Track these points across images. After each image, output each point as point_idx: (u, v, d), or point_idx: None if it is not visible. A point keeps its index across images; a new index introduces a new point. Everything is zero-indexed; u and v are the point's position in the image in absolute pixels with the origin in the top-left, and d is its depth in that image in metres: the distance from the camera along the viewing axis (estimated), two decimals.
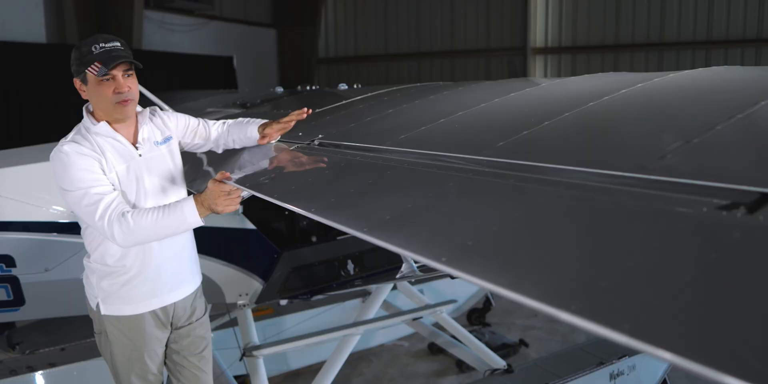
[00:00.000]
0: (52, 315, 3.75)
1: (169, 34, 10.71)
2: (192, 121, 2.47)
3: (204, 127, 2.48)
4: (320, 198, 1.33)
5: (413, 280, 4.69)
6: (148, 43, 9.95)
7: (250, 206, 3.72)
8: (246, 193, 1.93)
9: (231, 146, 2.47)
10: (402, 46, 13.26)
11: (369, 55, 13.60)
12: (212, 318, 4.77)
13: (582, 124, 1.27)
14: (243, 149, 2.37)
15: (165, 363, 2.47)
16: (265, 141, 2.29)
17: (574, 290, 0.67)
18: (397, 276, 3.56)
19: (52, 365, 4.30)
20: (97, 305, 2.27)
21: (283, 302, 4.61)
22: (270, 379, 4.88)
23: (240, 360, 3.74)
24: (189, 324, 2.43)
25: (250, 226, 3.74)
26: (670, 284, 0.63)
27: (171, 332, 2.41)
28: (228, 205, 1.97)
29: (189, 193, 2.36)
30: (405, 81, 13.23)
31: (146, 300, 2.27)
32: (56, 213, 3.25)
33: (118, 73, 2.08)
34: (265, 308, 5.16)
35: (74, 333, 4.56)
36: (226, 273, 3.69)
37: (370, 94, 2.73)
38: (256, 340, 3.78)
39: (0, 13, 8.28)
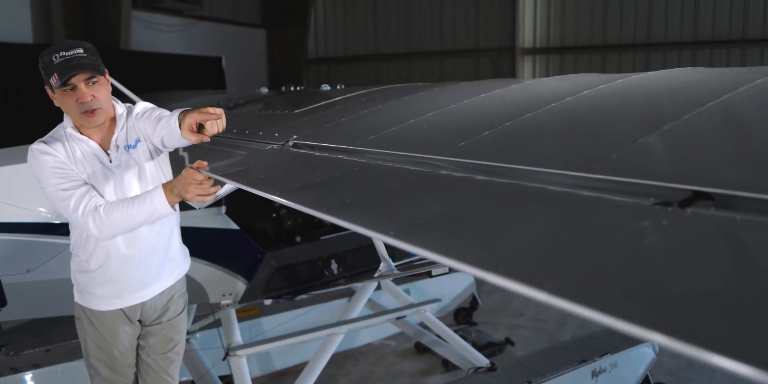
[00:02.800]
0: (34, 316, 3.75)
1: (158, 34, 10.68)
2: (148, 113, 2.26)
3: (153, 118, 2.23)
4: (287, 184, 1.38)
5: (395, 280, 4.72)
6: (137, 43, 9.92)
7: (233, 206, 3.74)
8: (222, 191, 1.95)
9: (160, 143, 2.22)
10: (391, 47, 13.29)
11: (359, 56, 13.63)
12: (197, 319, 4.80)
13: (540, 125, 1.30)
14: (224, 152, 2.37)
15: (137, 360, 2.50)
16: (199, 138, 1.94)
17: (502, 258, 0.72)
18: (375, 274, 3.58)
19: (37, 366, 4.30)
20: (75, 293, 2.37)
21: (267, 302, 4.63)
22: (256, 379, 4.91)
23: (223, 359, 3.76)
24: (158, 323, 2.44)
25: (234, 226, 3.75)
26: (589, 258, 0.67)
27: (141, 328, 2.44)
28: (198, 195, 1.94)
29: None
30: (395, 81, 13.23)
31: (109, 299, 2.31)
32: (38, 214, 3.25)
33: (79, 82, 2.03)
34: (251, 308, 5.18)
35: (60, 334, 4.57)
36: (209, 273, 3.70)
37: (348, 95, 2.76)
38: (239, 339, 3.80)
39: None
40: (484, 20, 12.41)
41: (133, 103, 2.38)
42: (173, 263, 2.45)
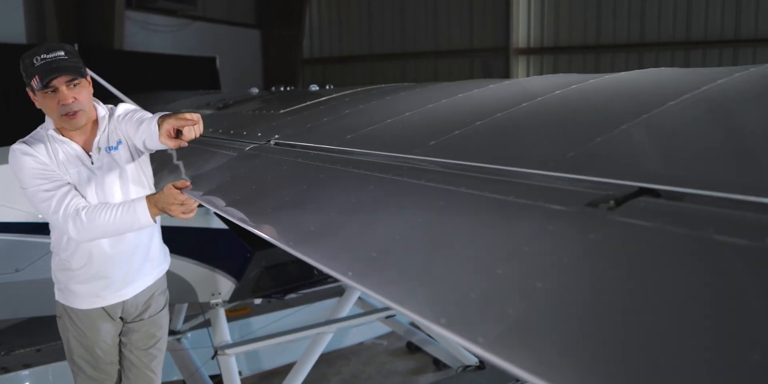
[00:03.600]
0: (24, 315, 3.77)
1: (152, 34, 10.68)
2: (129, 116, 2.26)
3: (135, 121, 2.24)
4: (258, 206, 1.40)
5: None
6: (131, 43, 9.92)
7: None
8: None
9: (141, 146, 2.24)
10: (386, 47, 13.31)
11: (354, 56, 13.64)
12: (188, 318, 4.81)
13: (508, 124, 1.33)
14: (208, 152, 2.39)
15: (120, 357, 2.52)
16: (177, 143, 1.94)
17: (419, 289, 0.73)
18: None
19: (28, 366, 4.31)
20: (56, 292, 2.38)
21: (257, 301, 4.64)
22: (248, 379, 4.92)
23: (212, 358, 3.78)
24: (140, 320, 2.47)
25: (222, 225, 3.77)
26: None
27: (123, 325, 2.46)
28: (181, 213, 1.98)
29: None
30: (390, 81, 13.14)
31: (89, 298, 2.33)
32: (26, 214, 3.27)
33: (60, 84, 2.04)
34: (242, 308, 5.19)
35: (51, 334, 4.58)
36: (198, 272, 3.72)
37: (334, 95, 2.78)
38: (228, 338, 3.82)
39: None
40: (478, 21, 12.45)
41: (116, 104, 2.39)
42: (154, 262, 2.47)
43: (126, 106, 2.35)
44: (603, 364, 0.54)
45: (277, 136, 2.07)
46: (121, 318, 2.44)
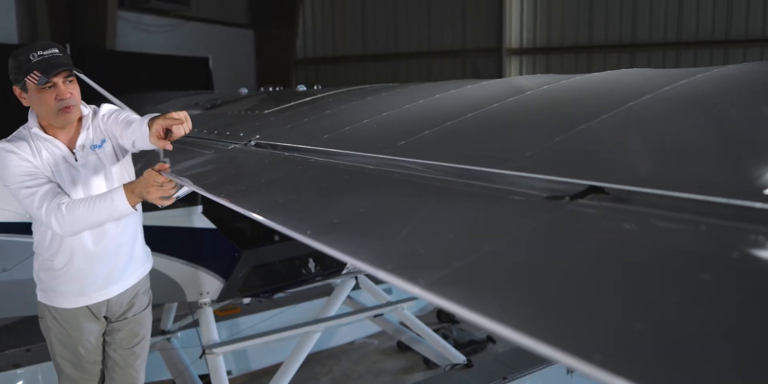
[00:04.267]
0: (11, 314, 3.78)
1: (145, 34, 10.67)
2: (114, 115, 2.32)
3: (122, 122, 2.29)
4: (233, 186, 1.43)
5: (374, 278, 4.77)
6: (124, 43, 9.92)
7: (210, 206, 3.77)
8: (181, 192, 1.98)
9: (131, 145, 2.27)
10: (380, 47, 13.34)
11: (347, 56, 13.67)
12: (177, 318, 4.83)
13: (476, 125, 1.35)
14: (191, 152, 2.41)
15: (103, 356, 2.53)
16: (165, 144, 1.98)
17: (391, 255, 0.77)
18: (344, 271, 3.63)
19: (17, 366, 4.31)
20: (38, 292, 2.39)
21: (246, 301, 4.66)
22: (238, 378, 4.93)
23: (200, 357, 3.79)
24: (124, 319, 2.49)
25: (210, 225, 3.79)
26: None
27: (107, 324, 2.48)
28: (159, 198, 1.99)
29: None
30: (383, 81, 13.22)
31: (74, 297, 2.34)
32: (13, 214, 3.28)
33: (58, 80, 2.10)
34: (232, 308, 5.21)
35: (40, 334, 4.58)
36: (186, 272, 3.74)
37: (317, 96, 2.81)
38: (216, 338, 3.84)
39: None
40: (471, 21, 12.49)
41: (99, 105, 2.41)
42: (138, 262, 2.50)
43: (110, 107, 2.38)
44: (528, 303, 0.58)
45: (258, 136, 2.10)
46: (105, 317, 2.45)
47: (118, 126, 2.23)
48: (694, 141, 0.94)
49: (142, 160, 2.61)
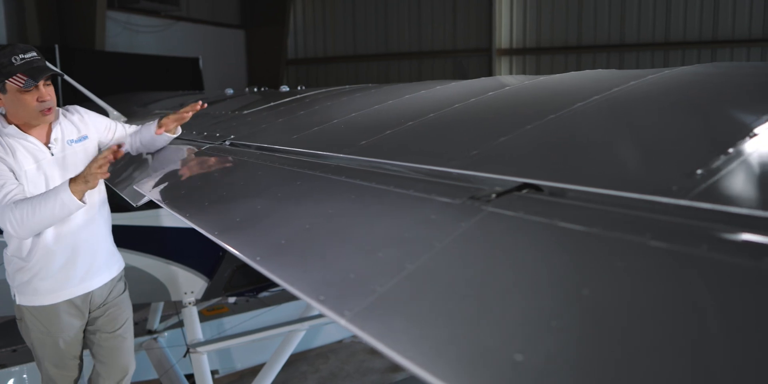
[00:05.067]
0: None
1: (135, 35, 10.66)
2: (111, 123, 2.55)
3: (123, 130, 2.56)
4: (194, 198, 1.47)
5: None
6: (113, 44, 9.91)
7: None
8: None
9: (139, 146, 2.54)
10: (370, 47, 13.38)
11: (338, 56, 13.70)
12: (163, 318, 4.85)
13: (434, 125, 1.39)
14: (156, 152, 2.47)
15: (89, 346, 2.56)
16: (162, 130, 2.38)
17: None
18: None
19: (3, 366, 4.32)
20: (14, 295, 2.38)
21: (232, 300, 4.68)
22: (225, 378, 4.95)
23: (184, 356, 3.82)
24: (103, 305, 2.52)
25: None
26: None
27: (88, 315, 2.50)
28: (97, 174, 2.02)
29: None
30: (373, 81, 13.32)
31: (55, 292, 2.35)
32: None
33: (40, 83, 2.17)
34: (219, 307, 5.22)
35: None
36: (170, 271, 3.76)
37: (296, 97, 2.84)
38: (200, 336, 3.86)
39: None
40: (461, 22, 12.54)
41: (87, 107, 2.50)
42: (115, 256, 2.58)
43: (103, 117, 2.57)
44: (448, 334, 0.61)
45: (232, 136, 2.13)
46: (88, 311, 2.49)
47: (135, 132, 2.53)
48: (622, 141, 0.98)
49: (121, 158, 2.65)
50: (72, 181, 2.06)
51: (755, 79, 1.25)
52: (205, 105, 2.34)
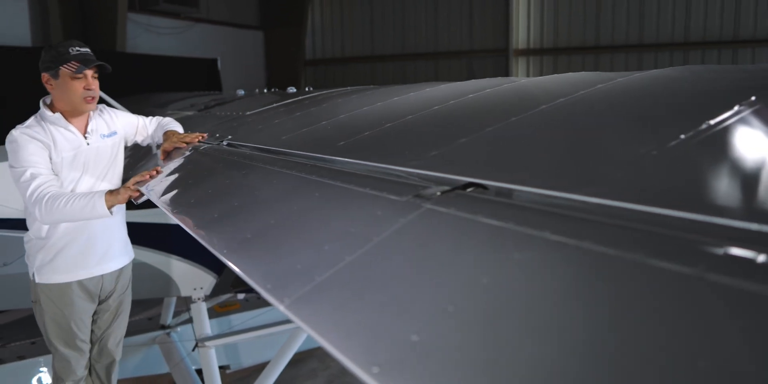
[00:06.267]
0: (12, 307, 3.93)
1: (155, 36, 10.86)
2: (136, 119, 2.82)
3: (145, 126, 2.82)
4: (183, 197, 1.54)
5: None
6: (134, 45, 10.11)
7: None
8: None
9: (150, 141, 2.83)
10: (387, 48, 13.44)
11: (355, 57, 13.78)
12: (176, 314, 4.97)
13: (409, 127, 1.45)
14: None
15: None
16: (162, 157, 2.53)
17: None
18: None
19: (22, 358, 4.48)
20: (33, 275, 2.59)
21: (241, 296, 4.77)
22: (236, 373, 5.05)
23: (192, 351, 3.92)
24: (110, 297, 2.76)
25: None
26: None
27: (97, 304, 2.71)
28: (129, 189, 2.29)
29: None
30: (390, 81, 13.41)
31: (74, 271, 2.57)
32: (15, 211, 3.43)
33: (89, 73, 2.45)
34: (232, 303, 5.33)
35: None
36: (179, 267, 3.87)
37: (298, 98, 2.92)
38: (209, 331, 3.96)
39: None
40: (478, 22, 12.54)
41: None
42: (128, 246, 2.83)
43: (131, 115, 2.84)
44: (361, 319, 0.67)
45: (230, 136, 2.21)
46: (98, 296, 2.70)
47: (155, 129, 2.79)
48: (568, 143, 1.02)
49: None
50: (109, 192, 2.29)
51: (717, 84, 1.28)
52: (205, 135, 2.49)
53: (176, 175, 1.94)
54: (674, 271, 0.57)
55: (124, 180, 2.68)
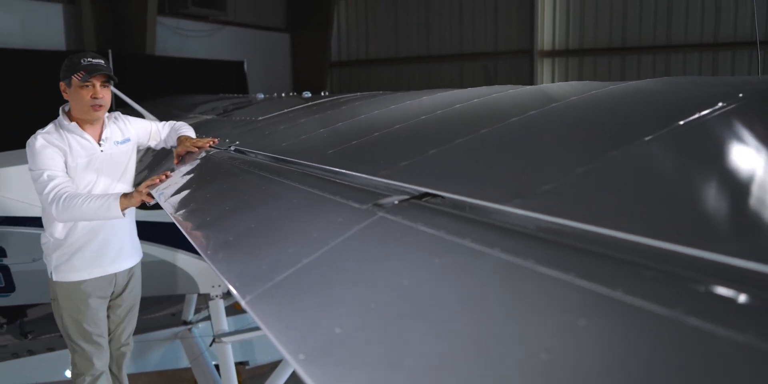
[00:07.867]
0: (39, 301, 4.13)
1: (184, 39, 11.13)
2: (149, 125, 2.95)
3: (158, 131, 2.95)
4: (184, 199, 1.66)
5: None
6: (163, 48, 10.39)
7: None
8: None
9: (164, 145, 2.97)
10: (412, 50, 13.51)
11: (380, 59, 13.88)
12: (198, 310, 5.14)
13: (392, 136, 1.53)
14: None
15: None
16: (176, 161, 2.65)
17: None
18: None
19: (51, 350, 4.69)
20: (51, 273, 2.76)
21: None
22: (256, 369, 5.18)
23: (210, 346, 4.06)
24: (122, 294, 2.93)
25: None
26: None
27: (109, 301, 2.88)
28: (142, 192, 2.36)
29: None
30: (415, 83, 13.49)
31: (90, 269, 2.73)
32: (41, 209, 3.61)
33: (97, 82, 2.58)
34: None
35: None
36: (198, 265, 4.01)
37: (307, 104, 3.02)
38: (225, 328, 4.10)
39: (23, 23, 8.81)
40: (502, 23, 12.51)
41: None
42: (137, 247, 2.99)
43: (144, 121, 2.96)
44: (301, 314, 0.76)
45: (237, 142, 2.33)
46: (112, 293, 2.86)
47: (169, 133, 2.91)
48: (526, 158, 1.09)
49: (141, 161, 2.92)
50: (123, 195, 2.40)
51: (684, 96, 1.33)
52: (217, 140, 2.58)
53: (183, 180, 2.06)
54: (560, 278, 0.65)
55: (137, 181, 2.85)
